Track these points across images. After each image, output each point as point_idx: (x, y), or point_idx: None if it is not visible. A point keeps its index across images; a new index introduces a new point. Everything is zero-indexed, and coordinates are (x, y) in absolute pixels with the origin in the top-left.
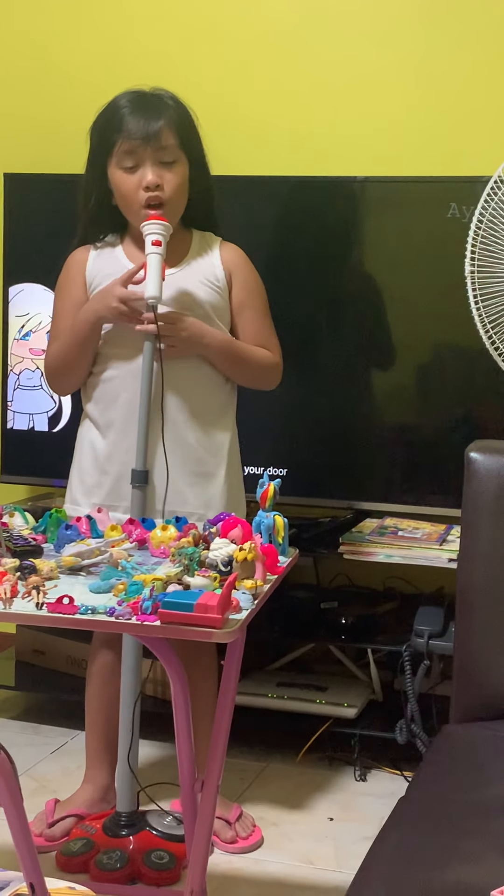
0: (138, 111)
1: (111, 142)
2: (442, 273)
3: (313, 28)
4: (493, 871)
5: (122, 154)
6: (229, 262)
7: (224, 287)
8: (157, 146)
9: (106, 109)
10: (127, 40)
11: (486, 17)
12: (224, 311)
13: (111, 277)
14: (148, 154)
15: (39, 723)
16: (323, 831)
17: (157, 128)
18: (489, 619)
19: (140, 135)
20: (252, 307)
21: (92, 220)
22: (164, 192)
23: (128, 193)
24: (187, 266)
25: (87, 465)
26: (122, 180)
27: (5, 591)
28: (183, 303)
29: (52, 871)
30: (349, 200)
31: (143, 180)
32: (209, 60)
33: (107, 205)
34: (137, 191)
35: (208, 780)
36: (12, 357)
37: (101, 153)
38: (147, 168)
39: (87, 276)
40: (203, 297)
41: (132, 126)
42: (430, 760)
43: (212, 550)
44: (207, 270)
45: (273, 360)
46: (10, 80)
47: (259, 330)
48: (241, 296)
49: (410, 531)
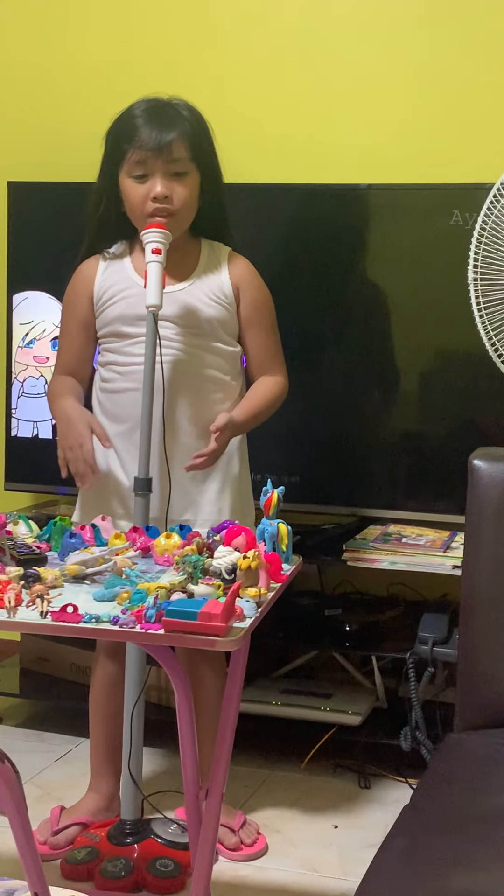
0: (152, 121)
1: (123, 150)
2: (445, 280)
3: (317, 36)
4: (498, 879)
5: (132, 163)
6: (238, 277)
7: (232, 302)
8: (169, 158)
9: (121, 117)
10: (131, 49)
11: (488, 24)
12: (232, 325)
13: (120, 292)
14: (158, 165)
15: (44, 730)
16: (327, 839)
17: (168, 139)
18: (493, 626)
19: (151, 146)
20: (258, 324)
21: (100, 228)
22: (173, 205)
23: (136, 203)
24: (195, 281)
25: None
26: (131, 189)
27: (10, 599)
28: (190, 318)
29: (56, 879)
30: (352, 208)
31: (151, 191)
32: (212, 68)
33: (116, 212)
34: (146, 201)
35: (212, 788)
36: (16, 365)
37: (113, 161)
38: (157, 179)
39: (96, 291)
40: (211, 312)
41: (144, 136)
42: (434, 768)
43: (216, 558)
44: (215, 285)
45: (280, 388)
46: (14, 88)
47: (264, 347)
48: (248, 311)
49: (414, 538)
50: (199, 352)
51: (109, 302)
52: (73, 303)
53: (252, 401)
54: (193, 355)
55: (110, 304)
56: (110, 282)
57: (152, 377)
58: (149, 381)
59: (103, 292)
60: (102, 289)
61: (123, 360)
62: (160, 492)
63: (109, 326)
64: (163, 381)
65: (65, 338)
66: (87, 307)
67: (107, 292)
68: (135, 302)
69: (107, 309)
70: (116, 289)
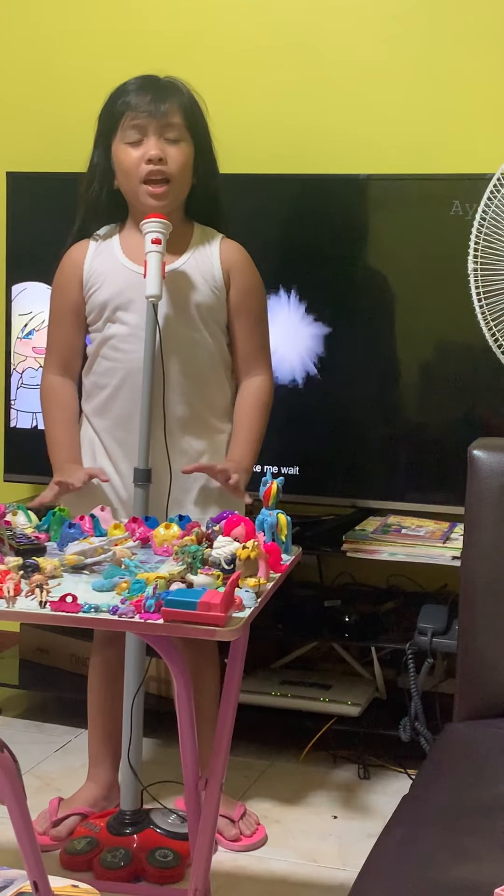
0: (147, 88)
1: (118, 115)
2: (445, 270)
3: (316, 26)
4: (497, 869)
5: (127, 129)
6: (229, 261)
7: (221, 287)
8: (164, 121)
9: (115, 91)
10: (130, 39)
11: (489, 14)
12: (220, 311)
13: (109, 277)
14: (153, 128)
15: (43, 721)
16: (327, 829)
17: (164, 104)
18: (493, 617)
19: (147, 108)
20: (247, 312)
21: (92, 207)
22: (168, 167)
23: (129, 167)
24: (185, 263)
25: (85, 464)
26: (125, 154)
27: (9, 589)
28: (179, 300)
29: (55, 869)
30: (352, 198)
31: (146, 153)
32: (212, 59)
33: (108, 188)
34: (140, 164)
35: (212, 779)
36: (15, 356)
37: (107, 131)
38: (151, 140)
39: (85, 276)
40: (199, 296)
41: (140, 100)
42: (433, 758)
43: (215, 549)
44: (205, 268)
45: (268, 394)
46: (13, 78)
47: (251, 337)
48: (237, 297)
49: (414, 529)
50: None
51: (97, 286)
52: (63, 287)
53: (251, 432)
54: (184, 344)
55: (98, 287)
56: (99, 268)
57: (152, 368)
58: (148, 373)
59: (90, 277)
60: (90, 274)
61: (111, 355)
62: (158, 486)
63: (97, 311)
64: (163, 374)
65: (55, 327)
66: (76, 291)
67: (92, 277)
68: (121, 286)
69: (95, 293)
70: (103, 270)
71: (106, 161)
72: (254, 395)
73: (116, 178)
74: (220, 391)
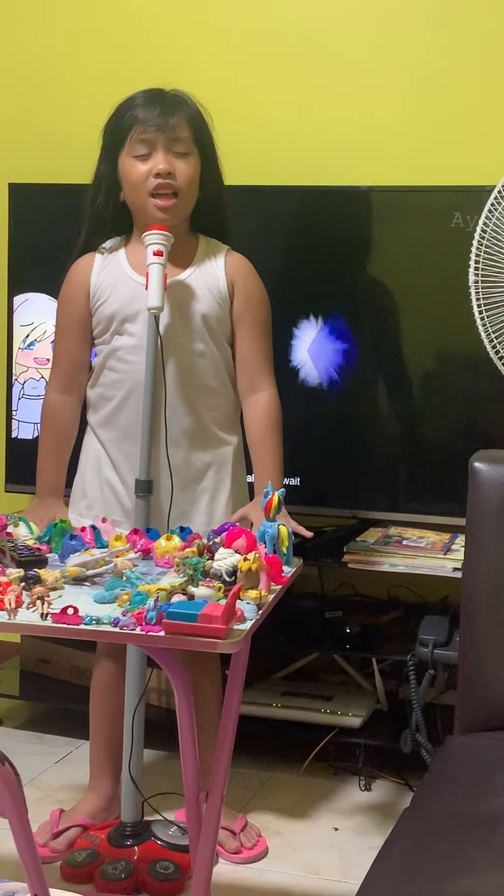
0: (154, 102)
1: (125, 129)
2: (446, 282)
3: (317, 37)
4: (498, 882)
5: (135, 142)
6: (233, 272)
7: (226, 298)
8: (172, 135)
9: (121, 104)
10: (131, 50)
11: (491, 26)
12: (225, 322)
13: (116, 289)
14: (162, 142)
15: (44, 732)
16: (328, 841)
17: (172, 117)
18: (494, 629)
19: (155, 122)
20: (250, 323)
21: (97, 219)
22: (176, 181)
23: (137, 181)
24: (191, 274)
25: (91, 477)
26: (132, 168)
27: (10, 601)
28: (183, 311)
29: (56, 881)
30: (353, 210)
31: (154, 167)
32: (213, 70)
33: (114, 201)
34: (147, 178)
35: (213, 790)
36: (17, 366)
37: (114, 144)
38: (160, 155)
39: (92, 289)
40: (204, 308)
41: (148, 114)
42: (435, 770)
43: (216, 560)
44: (210, 280)
45: (276, 408)
46: (15, 89)
47: (253, 349)
48: (240, 308)
49: (415, 540)
50: (194, 352)
51: (104, 298)
52: (69, 300)
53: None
54: (189, 356)
55: (105, 300)
56: (106, 280)
57: (153, 380)
58: (150, 384)
59: (97, 289)
60: (97, 286)
61: (117, 367)
62: (161, 498)
63: (104, 323)
64: (164, 385)
65: (61, 340)
66: (82, 303)
67: (99, 289)
68: (128, 298)
69: (101, 305)
70: (109, 283)
71: (112, 174)
72: (266, 416)
73: (122, 191)
74: (226, 402)
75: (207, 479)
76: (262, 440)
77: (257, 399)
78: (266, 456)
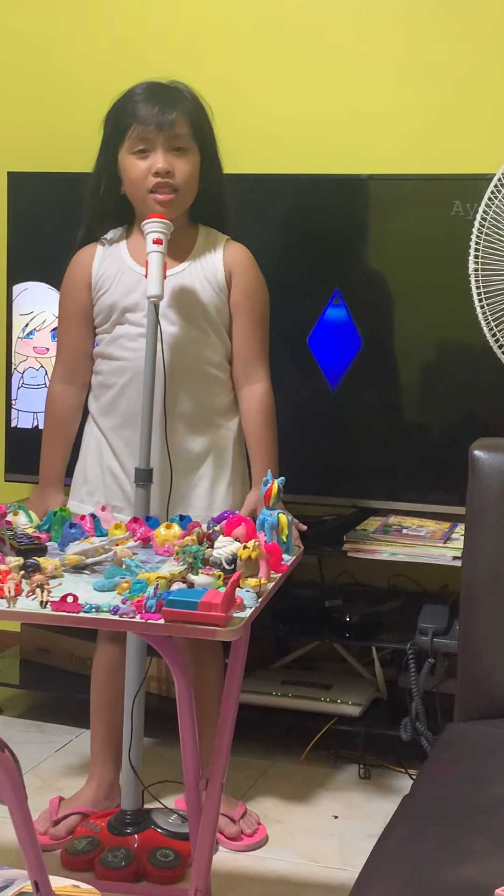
0: (153, 98)
1: (124, 126)
2: (446, 271)
3: (317, 26)
4: (497, 869)
5: (134, 139)
6: (231, 262)
7: (224, 288)
8: (171, 133)
9: (120, 98)
10: (131, 39)
11: (490, 14)
12: (223, 311)
13: (117, 280)
14: (160, 140)
15: (44, 721)
16: (327, 829)
17: (171, 114)
18: (493, 617)
19: (154, 120)
20: (247, 312)
21: (98, 211)
22: (175, 180)
23: (137, 178)
24: (190, 265)
25: (92, 463)
26: (132, 165)
27: (10, 589)
28: (183, 302)
29: (56, 869)
30: (353, 198)
31: (153, 166)
32: (213, 59)
33: (115, 193)
34: (147, 176)
35: (213, 778)
36: (16, 356)
37: (114, 139)
38: (159, 153)
39: (93, 279)
40: (203, 297)
41: (146, 112)
42: (434, 758)
43: (216, 548)
44: (209, 270)
45: (271, 399)
46: (14, 78)
47: (248, 340)
48: (238, 297)
49: (415, 529)
50: (194, 340)
51: (105, 288)
52: (71, 291)
53: (270, 450)
54: (189, 344)
55: (106, 290)
56: (107, 270)
57: (153, 368)
58: (150, 372)
59: (99, 279)
60: (99, 276)
61: (118, 354)
62: (161, 485)
63: (105, 313)
64: (164, 372)
65: (64, 332)
66: (84, 294)
67: (101, 280)
68: (129, 288)
69: (103, 295)
70: (111, 273)
71: (113, 167)
72: (260, 409)
73: (123, 185)
74: (225, 390)
75: (207, 466)
76: (258, 431)
77: (252, 390)
78: (263, 446)
